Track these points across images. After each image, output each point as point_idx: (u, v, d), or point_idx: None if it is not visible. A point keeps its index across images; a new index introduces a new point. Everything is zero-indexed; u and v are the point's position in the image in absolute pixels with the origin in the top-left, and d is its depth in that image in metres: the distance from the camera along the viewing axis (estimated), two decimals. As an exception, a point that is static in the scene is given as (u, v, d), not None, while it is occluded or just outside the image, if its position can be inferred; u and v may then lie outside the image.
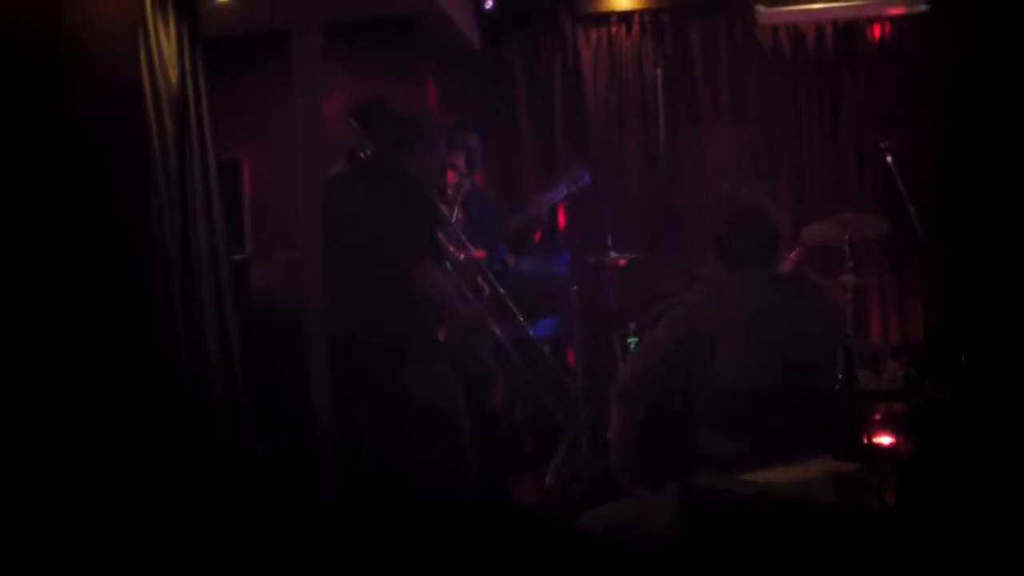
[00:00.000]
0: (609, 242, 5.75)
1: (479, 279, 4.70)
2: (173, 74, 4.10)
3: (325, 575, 4.05)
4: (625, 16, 6.64)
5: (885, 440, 2.49)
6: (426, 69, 6.31)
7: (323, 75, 4.25)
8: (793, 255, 5.18)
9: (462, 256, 4.50)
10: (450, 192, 4.93)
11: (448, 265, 4.43)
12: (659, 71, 6.47)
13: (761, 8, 6.27)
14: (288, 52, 4.16)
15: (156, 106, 3.98)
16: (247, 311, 4.73)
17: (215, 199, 4.36)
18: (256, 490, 4.37)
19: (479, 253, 4.81)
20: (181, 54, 4.17)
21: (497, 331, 4.69)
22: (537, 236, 5.77)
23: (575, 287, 5.88)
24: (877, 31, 6.27)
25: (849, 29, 6.34)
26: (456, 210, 4.91)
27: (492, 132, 6.49)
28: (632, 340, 5.27)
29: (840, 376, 2.71)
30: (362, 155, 4.26)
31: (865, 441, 2.53)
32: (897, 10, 6.12)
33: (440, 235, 4.42)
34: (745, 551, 2.35)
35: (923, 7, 5.94)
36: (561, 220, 6.61)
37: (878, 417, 2.54)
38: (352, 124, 4.27)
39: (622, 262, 5.75)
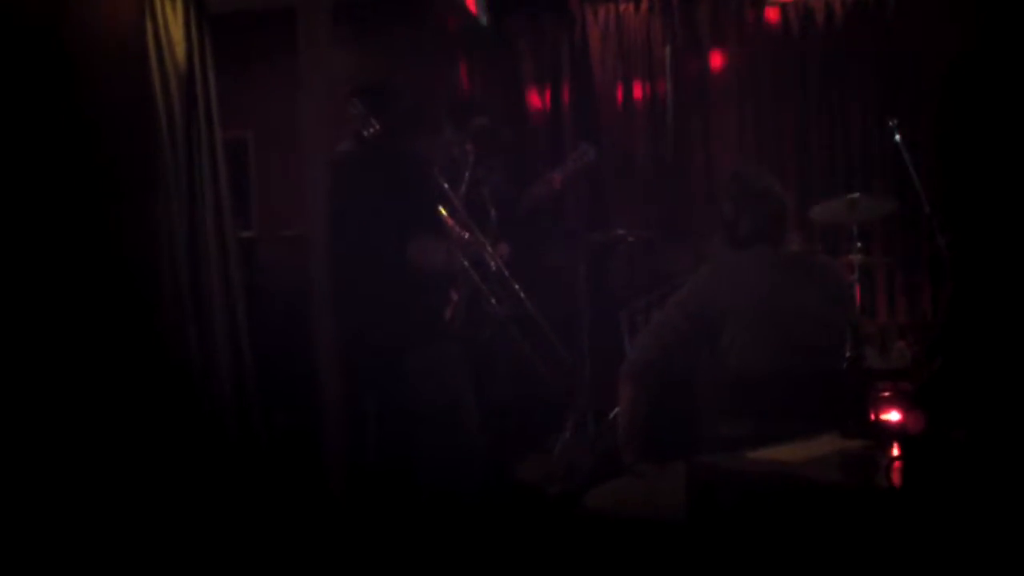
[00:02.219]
0: (617, 221, 5.75)
1: (487, 258, 4.69)
2: (180, 51, 4.08)
3: (332, 560, 4.06)
4: (634, -7, 6.63)
5: (892, 418, 2.49)
6: (433, 47, 6.29)
7: (329, 53, 4.23)
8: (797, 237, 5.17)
9: (467, 236, 4.49)
10: (460, 177, 4.91)
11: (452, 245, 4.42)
12: (667, 49, 6.45)
13: (770, -14, 6.26)
14: (294, 29, 4.15)
15: (163, 84, 3.97)
16: (253, 291, 4.72)
17: (222, 178, 4.35)
18: (263, 475, 4.37)
19: (503, 249, 4.78)
20: (188, 31, 4.15)
21: (499, 309, 4.68)
22: None
23: (582, 266, 5.87)
24: (886, 9, 6.24)
25: (859, 7, 6.31)
26: (462, 190, 4.89)
27: (499, 111, 6.49)
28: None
29: (848, 354, 2.71)
30: (366, 135, 4.25)
31: (872, 419, 2.52)
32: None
33: (445, 217, 4.40)
34: (751, 529, 2.35)
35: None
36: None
37: (885, 395, 2.53)
38: (357, 104, 4.26)
39: (630, 240, 5.74)
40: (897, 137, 5.25)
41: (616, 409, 5.09)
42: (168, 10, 4.02)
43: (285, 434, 4.81)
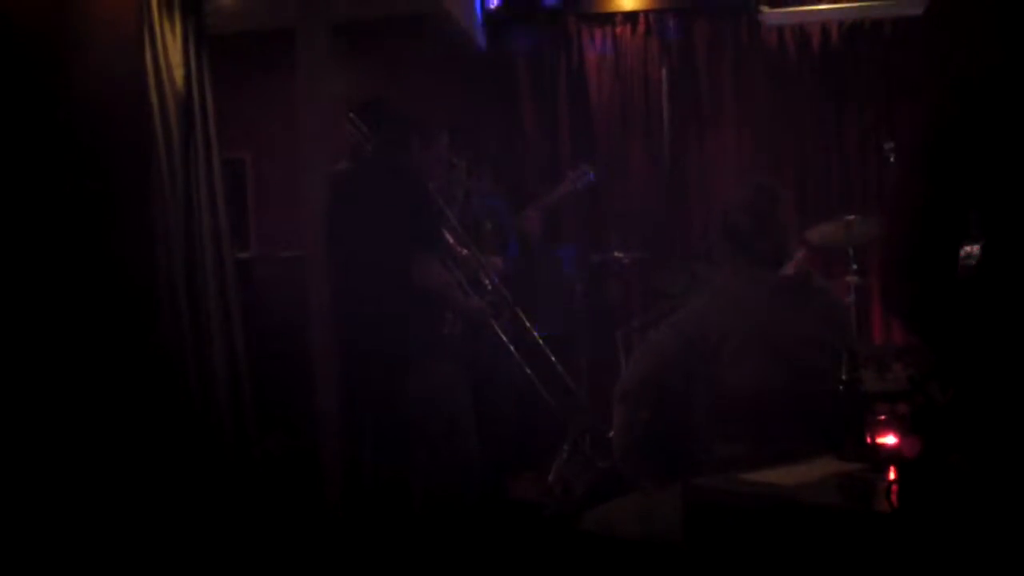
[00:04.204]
0: (613, 241, 5.76)
1: (481, 275, 4.71)
2: (178, 73, 4.10)
3: (328, 574, 4.05)
4: (630, 16, 6.65)
5: (888, 442, 2.49)
6: (431, 68, 6.32)
7: (328, 74, 4.25)
8: (800, 255, 5.17)
9: (464, 252, 4.51)
10: (455, 191, 4.93)
11: (450, 261, 4.43)
12: (664, 71, 6.47)
13: (766, 9, 6.27)
14: (293, 51, 4.17)
15: (161, 105, 3.99)
16: (251, 311, 4.73)
17: (220, 198, 4.37)
18: (259, 490, 4.37)
19: (497, 263, 4.82)
20: (187, 53, 4.17)
21: (498, 328, 4.69)
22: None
23: (579, 285, 5.89)
24: (882, 33, 6.27)
25: (854, 30, 6.34)
26: (456, 208, 4.91)
27: (497, 131, 6.51)
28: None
29: (844, 377, 2.71)
30: (363, 153, 4.28)
31: (869, 442, 2.53)
32: (902, 12, 6.11)
33: (442, 231, 4.42)
34: (748, 551, 2.35)
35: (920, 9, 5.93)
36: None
37: (882, 418, 2.53)
38: (353, 122, 4.28)
39: (626, 261, 5.75)
40: (893, 160, 5.26)
41: (612, 429, 5.09)
42: (167, 32, 4.04)
43: (282, 452, 4.81)
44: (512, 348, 4.77)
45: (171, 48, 4.06)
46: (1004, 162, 1.56)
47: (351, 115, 4.29)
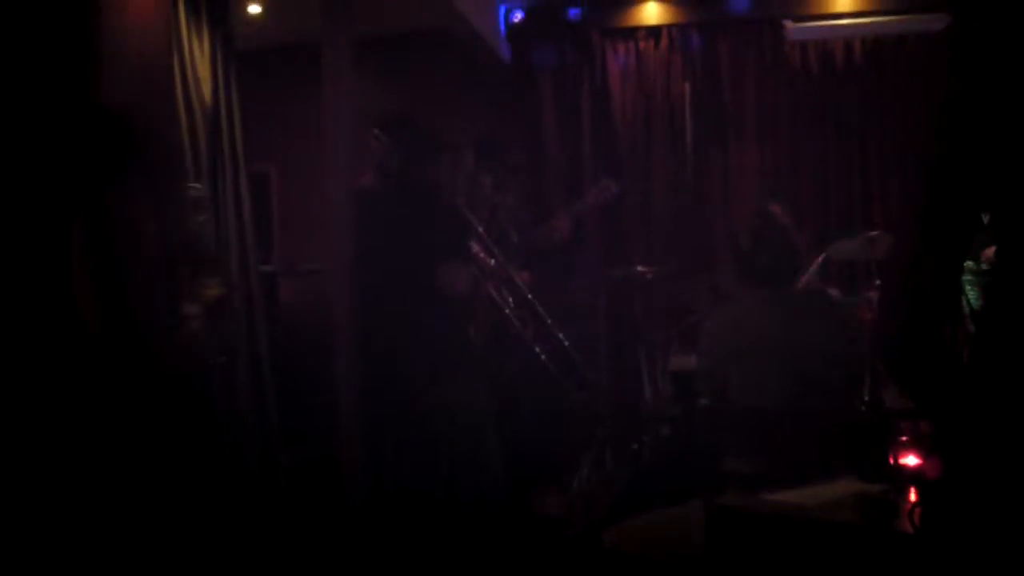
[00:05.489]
0: (636, 255, 5.76)
1: (505, 290, 4.72)
2: (206, 88, 4.14)
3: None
4: (653, 31, 6.66)
5: (911, 461, 2.49)
6: (455, 82, 6.34)
7: (352, 88, 4.28)
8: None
9: (492, 263, 4.53)
10: (481, 206, 4.94)
11: (479, 274, 4.45)
12: (687, 86, 6.48)
13: (790, 24, 6.27)
14: (317, 65, 4.20)
15: (189, 118, 4.03)
16: (275, 324, 4.76)
17: (246, 212, 4.40)
18: (282, 502, 4.40)
19: (525, 276, 4.83)
20: (215, 68, 4.21)
21: (527, 340, 4.70)
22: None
23: (602, 299, 5.89)
24: (905, 48, 6.26)
25: (878, 46, 6.33)
26: (482, 223, 4.93)
27: (520, 145, 6.53)
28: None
29: (866, 396, 2.72)
30: (389, 167, 4.29)
31: (891, 462, 2.53)
32: (925, 27, 6.10)
33: (470, 245, 4.44)
34: (770, 571, 2.35)
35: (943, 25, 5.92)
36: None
37: (904, 438, 2.53)
38: (379, 136, 4.30)
39: (649, 275, 5.75)
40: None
41: (634, 445, 5.12)
42: (196, 48, 4.08)
43: (305, 464, 4.83)
44: (538, 356, 4.77)
45: (199, 63, 4.10)
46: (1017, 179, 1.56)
47: (376, 131, 4.31)
